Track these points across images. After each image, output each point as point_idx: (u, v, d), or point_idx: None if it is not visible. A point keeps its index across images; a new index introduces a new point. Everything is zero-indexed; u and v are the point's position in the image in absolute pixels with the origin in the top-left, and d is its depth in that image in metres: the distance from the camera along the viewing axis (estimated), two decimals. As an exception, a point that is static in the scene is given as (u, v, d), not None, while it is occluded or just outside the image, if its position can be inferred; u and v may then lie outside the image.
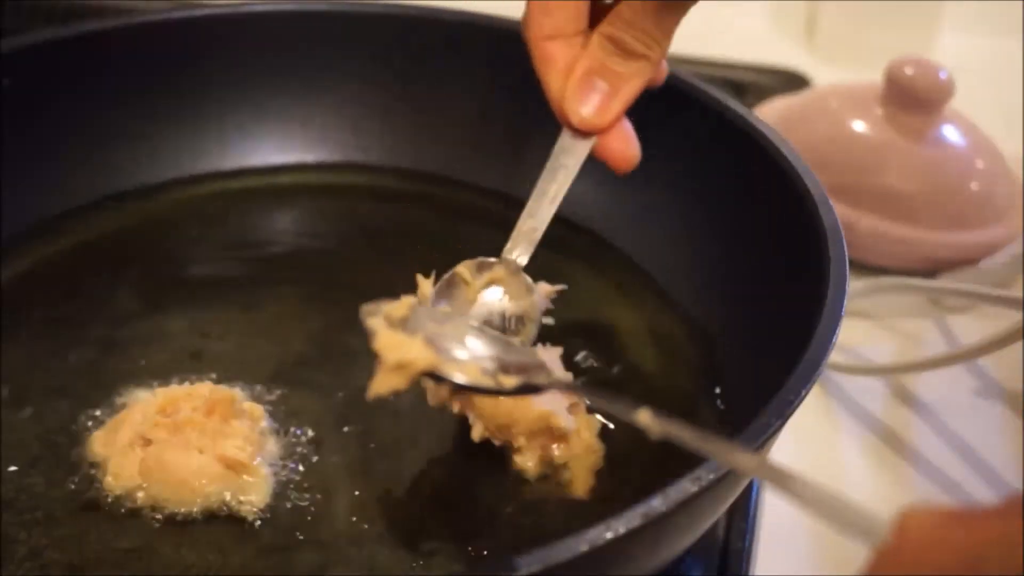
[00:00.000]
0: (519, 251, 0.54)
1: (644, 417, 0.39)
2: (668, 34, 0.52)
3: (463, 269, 0.53)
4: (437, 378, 0.45)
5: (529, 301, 0.53)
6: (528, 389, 0.46)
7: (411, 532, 0.51)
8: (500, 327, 0.53)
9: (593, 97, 0.52)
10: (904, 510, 0.30)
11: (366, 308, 0.47)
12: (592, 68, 0.52)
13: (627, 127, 0.54)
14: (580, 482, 0.53)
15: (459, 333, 0.48)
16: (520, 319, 0.53)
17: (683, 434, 0.39)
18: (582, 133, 0.53)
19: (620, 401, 0.42)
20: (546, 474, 0.53)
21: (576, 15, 0.52)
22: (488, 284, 0.53)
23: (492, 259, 0.53)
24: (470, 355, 0.47)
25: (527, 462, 0.53)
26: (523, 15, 0.53)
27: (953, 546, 0.28)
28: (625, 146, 0.54)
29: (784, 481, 0.33)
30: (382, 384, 0.46)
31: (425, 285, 0.53)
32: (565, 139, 0.54)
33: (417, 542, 0.51)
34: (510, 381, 0.45)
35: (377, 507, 0.52)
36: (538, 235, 0.54)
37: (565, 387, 0.45)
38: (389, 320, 0.46)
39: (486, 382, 0.45)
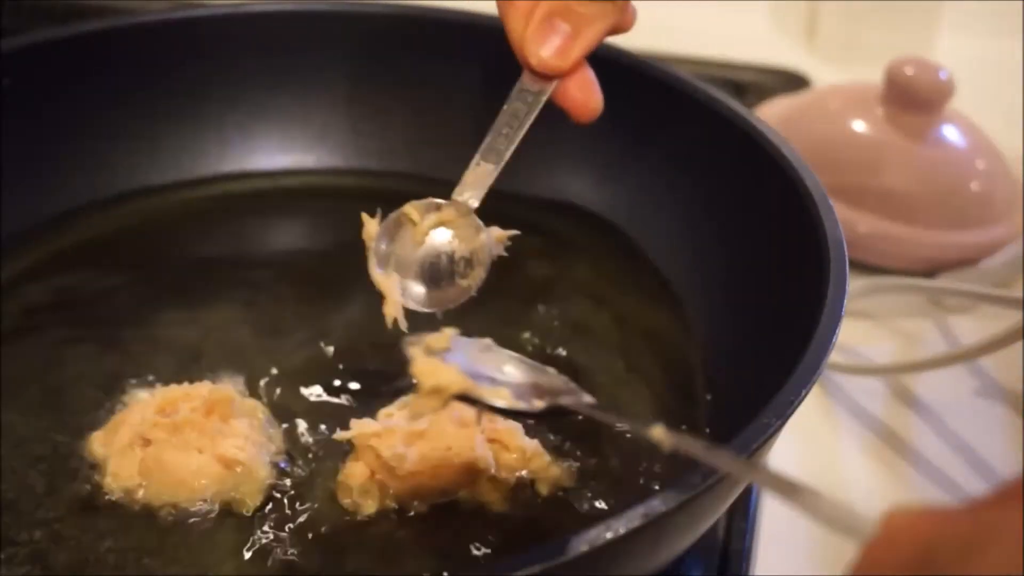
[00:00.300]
0: (470, 193, 0.53)
1: (658, 433, 0.41)
2: None
3: (411, 209, 0.53)
4: (472, 401, 0.46)
5: (478, 243, 0.52)
6: (556, 411, 0.47)
7: (411, 532, 0.51)
8: (448, 269, 0.52)
9: (554, 39, 0.51)
10: (891, 508, 0.31)
11: (408, 338, 0.48)
12: (554, 9, 0.51)
13: (590, 75, 0.53)
14: (542, 485, 0.53)
15: (498, 361, 0.49)
16: (468, 261, 0.52)
17: (694, 447, 0.40)
18: (542, 76, 0.52)
19: (635, 419, 0.44)
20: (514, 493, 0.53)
21: None
22: (437, 225, 0.53)
23: (442, 200, 0.53)
24: (506, 380, 0.48)
25: (489, 502, 0.53)
26: None
27: (937, 540, 0.29)
28: (586, 95, 0.53)
29: (795, 493, 0.35)
30: (420, 406, 0.47)
31: (371, 224, 0.52)
32: (525, 82, 0.53)
33: (417, 542, 0.51)
34: (540, 403, 0.47)
35: (376, 505, 0.52)
36: (491, 179, 0.53)
37: (588, 409, 0.47)
38: (430, 350, 0.47)
39: (518, 404, 0.46)
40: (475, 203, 0.53)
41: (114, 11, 0.80)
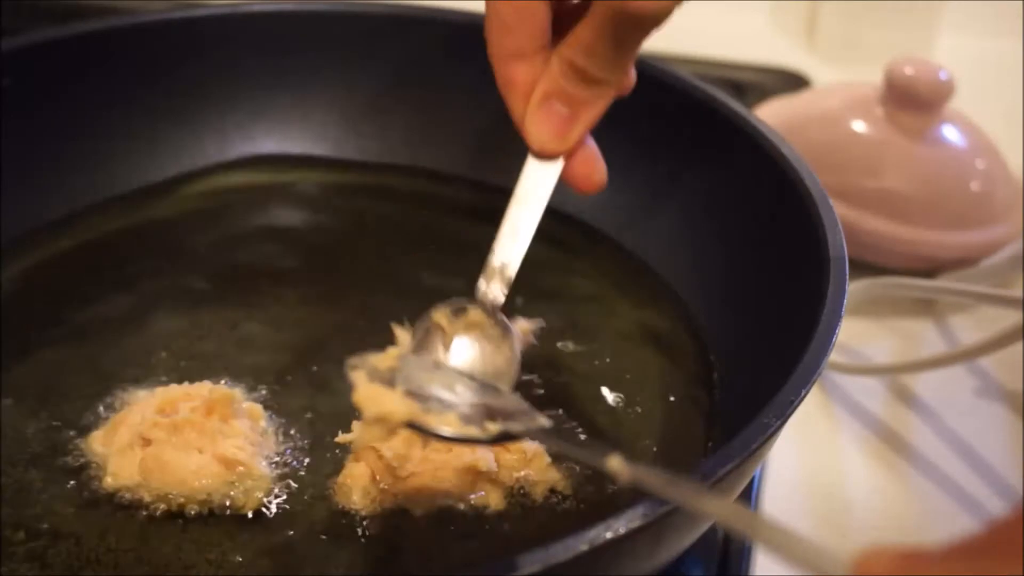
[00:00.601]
0: (494, 290, 0.53)
1: (615, 463, 0.40)
2: (630, 58, 0.51)
3: (439, 316, 0.52)
4: (421, 430, 0.45)
5: (507, 345, 0.52)
6: (506, 437, 0.45)
7: (410, 533, 0.51)
8: (481, 375, 0.51)
9: (551, 122, 0.51)
10: (863, 550, 0.30)
11: (351, 360, 0.46)
12: (550, 92, 0.50)
13: (592, 149, 0.53)
14: (540, 486, 0.53)
15: (448, 381, 0.47)
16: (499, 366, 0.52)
17: (653, 480, 0.39)
18: (543, 158, 0.52)
19: (592, 448, 0.43)
20: (511, 495, 0.53)
21: (537, 34, 0.51)
22: (466, 327, 0.52)
23: (467, 301, 0.53)
24: (457, 403, 0.46)
25: (489, 503, 0.52)
26: (485, 32, 0.51)
27: None
28: (590, 170, 0.53)
29: (752, 526, 0.34)
30: (364, 437, 0.45)
31: (403, 335, 0.52)
32: (531, 164, 0.53)
33: (417, 542, 0.51)
34: (494, 427, 0.44)
35: (375, 508, 0.52)
36: (512, 271, 0.52)
37: (542, 435, 0.45)
38: (375, 372, 0.46)
39: (469, 432, 0.44)
40: (501, 300, 0.52)
41: (114, 11, 0.80)
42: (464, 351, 0.52)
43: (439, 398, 0.46)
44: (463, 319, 0.52)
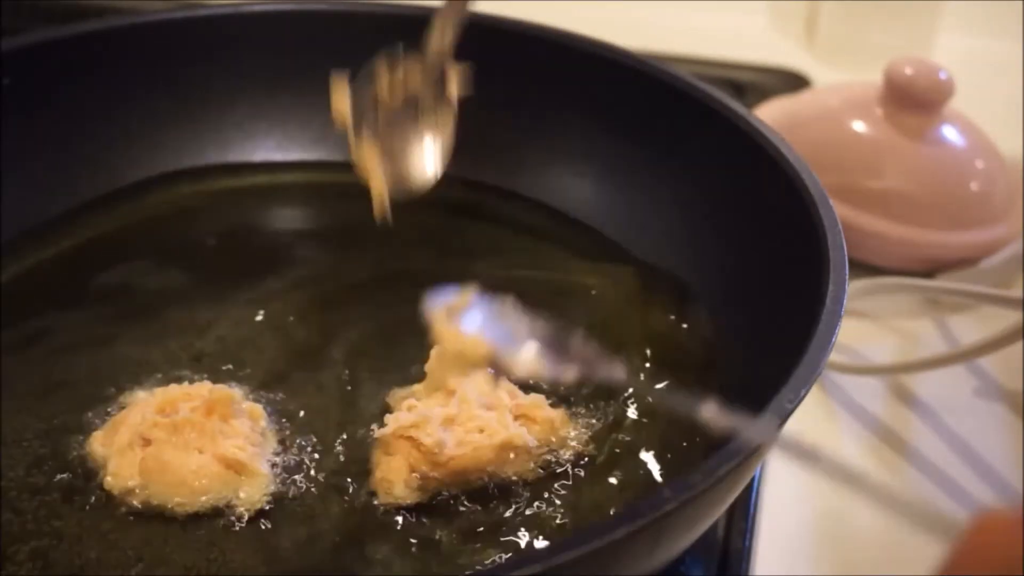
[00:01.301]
0: (437, 39, 0.52)
1: (708, 412, 0.40)
2: None
3: (379, 79, 0.53)
4: (500, 368, 0.46)
5: (445, 110, 0.53)
6: (582, 384, 0.45)
7: (411, 531, 0.51)
8: (422, 122, 0.53)
9: None
10: (981, 511, 0.31)
11: (427, 302, 0.48)
12: None
13: None
14: (566, 455, 0.54)
15: (519, 322, 0.48)
16: (439, 114, 0.53)
17: (747, 428, 0.39)
18: None
19: (680, 398, 0.43)
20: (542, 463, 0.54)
21: None
22: (404, 83, 0.52)
23: (408, 56, 0.52)
24: (530, 346, 0.46)
25: (522, 474, 0.54)
26: None
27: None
28: None
29: (859, 483, 0.34)
30: (440, 375, 0.46)
31: (339, 86, 0.52)
32: None
33: (417, 541, 0.51)
34: (570, 372, 0.45)
35: (377, 507, 0.52)
36: (456, 24, 0.52)
37: (628, 382, 0.45)
38: (451, 311, 0.47)
39: (543, 373, 0.45)
40: (446, 50, 0.53)
41: (114, 11, 0.80)
42: (402, 119, 0.51)
43: (513, 338, 0.46)
44: (400, 73, 0.51)
